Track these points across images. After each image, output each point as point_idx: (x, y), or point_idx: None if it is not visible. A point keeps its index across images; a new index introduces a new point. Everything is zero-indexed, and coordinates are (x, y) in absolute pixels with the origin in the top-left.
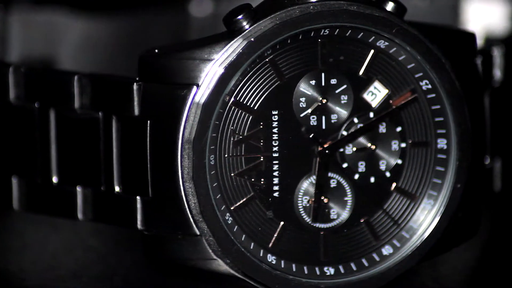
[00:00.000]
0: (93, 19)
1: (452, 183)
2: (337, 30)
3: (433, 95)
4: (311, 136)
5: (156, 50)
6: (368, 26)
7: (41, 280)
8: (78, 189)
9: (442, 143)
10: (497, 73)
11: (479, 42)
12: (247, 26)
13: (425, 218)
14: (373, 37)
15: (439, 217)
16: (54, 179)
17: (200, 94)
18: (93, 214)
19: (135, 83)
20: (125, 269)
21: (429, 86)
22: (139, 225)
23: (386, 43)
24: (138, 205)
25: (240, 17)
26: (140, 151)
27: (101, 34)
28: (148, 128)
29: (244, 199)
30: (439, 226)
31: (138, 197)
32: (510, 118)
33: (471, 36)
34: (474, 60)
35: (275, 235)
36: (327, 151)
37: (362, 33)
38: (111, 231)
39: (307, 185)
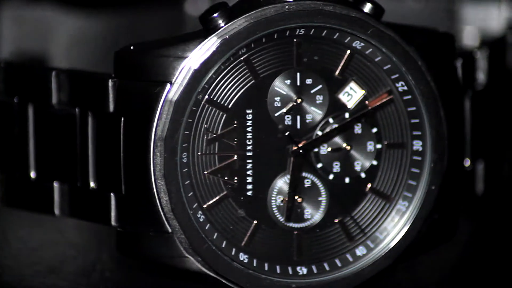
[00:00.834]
0: (86, 16)
1: (427, 185)
2: (313, 30)
3: (409, 96)
4: (286, 134)
5: (132, 47)
6: (343, 27)
7: (20, 276)
8: (56, 184)
9: (417, 145)
10: (481, 76)
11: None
12: (222, 24)
13: (400, 220)
14: (349, 38)
15: (413, 219)
16: (32, 174)
17: (173, 91)
18: (70, 210)
19: (110, 80)
20: (103, 265)
21: (405, 88)
22: (113, 222)
23: (362, 44)
24: (112, 202)
25: (215, 15)
26: (114, 148)
27: (93, 31)
28: (122, 124)
29: (217, 198)
30: (413, 227)
31: (112, 194)
32: (494, 121)
33: (450, 38)
34: (453, 62)
35: (248, 234)
36: (301, 151)
37: (337, 34)
38: (93, 226)
39: (281, 184)
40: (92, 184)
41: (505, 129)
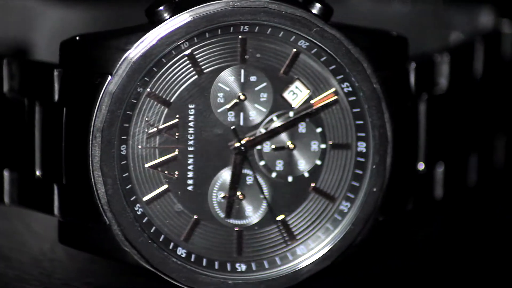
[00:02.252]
0: (71, 7)
1: (370, 187)
2: (257, 27)
3: (354, 98)
4: (232, 128)
5: (77, 38)
6: (286, 26)
7: None
8: (6, 173)
9: (361, 146)
10: (442, 80)
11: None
12: (167, 18)
13: (342, 220)
14: (294, 37)
15: (355, 220)
16: None
17: (113, 83)
18: (19, 199)
19: (55, 69)
20: (55, 254)
21: (350, 89)
22: (55, 212)
23: (307, 44)
24: (55, 192)
25: (161, 8)
26: (57, 138)
27: (78, 23)
28: (64, 114)
29: (157, 191)
30: (354, 229)
31: (54, 184)
32: (455, 125)
33: (403, 41)
34: (404, 65)
35: (187, 229)
36: (243, 148)
37: (282, 32)
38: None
39: (222, 180)
40: (38, 173)
41: (469, 133)
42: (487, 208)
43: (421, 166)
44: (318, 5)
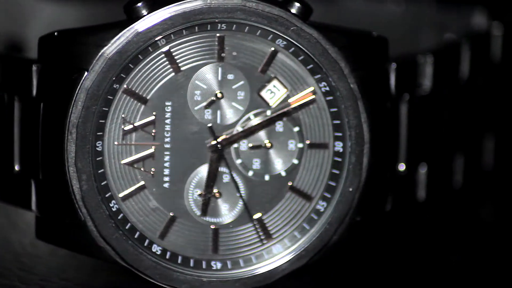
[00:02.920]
0: (65, 3)
1: (346, 187)
2: (234, 26)
3: (331, 97)
4: (209, 126)
5: (56, 33)
6: (263, 25)
7: None
8: None
9: (338, 146)
10: (425, 81)
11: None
12: (145, 14)
13: (318, 220)
14: (271, 36)
15: (331, 220)
16: None
17: (88, 79)
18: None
19: (34, 65)
20: (23, 249)
21: (327, 88)
22: (33, 207)
23: (285, 43)
24: (32, 187)
25: (139, 5)
26: (34, 133)
27: (72, 19)
28: (41, 110)
29: (133, 188)
30: (330, 228)
31: (32, 179)
32: (440, 126)
33: (383, 41)
34: (384, 66)
35: (163, 226)
36: (219, 146)
37: (260, 31)
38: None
39: (198, 178)
40: (16, 168)
41: (454, 135)
42: (472, 210)
43: (401, 167)
44: (297, 5)
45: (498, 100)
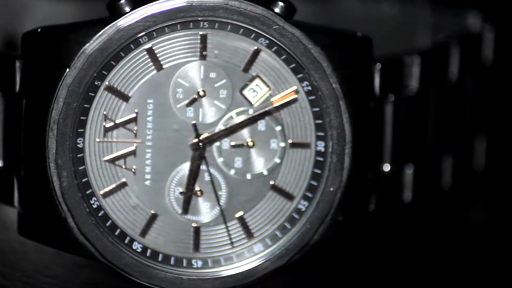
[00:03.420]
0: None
1: (327, 186)
2: (217, 24)
3: (313, 97)
4: (193, 123)
5: (39, 30)
6: (245, 23)
7: None
8: None
9: (320, 146)
10: (412, 82)
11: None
12: (127, 11)
13: (299, 219)
14: (254, 34)
15: (312, 219)
16: None
17: (70, 75)
18: None
19: (17, 61)
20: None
21: (310, 88)
22: (15, 203)
23: (267, 42)
24: (15, 183)
25: (121, 2)
26: (17, 129)
27: (67, 15)
28: (24, 106)
29: (114, 185)
30: (311, 228)
31: (14, 175)
32: (427, 127)
33: (367, 42)
34: (368, 66)
35: (144, 224)
36: (201, 144)
37: (242, 30)
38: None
39: (180, 176)
40: (0, 164)
41: (443, 136)
42: (461, 211)
43: (386, 167)
44: (280, 4)
45: (490, 102)
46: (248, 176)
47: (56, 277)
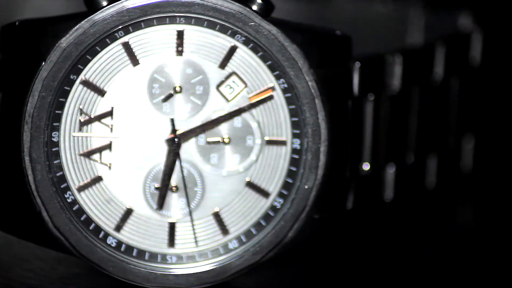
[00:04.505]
0: None
1: (302, 184)
2: (193, 20)
3: (289, 94)
4: (170, 118)
5: (17, 23)
6: (221, 20)
7: None
8: None
9: (296, 143)
10: (393, 81)
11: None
12: (104, 6)
13: (274, 216)
14: (230, 31)
15: (286, 216)
16: None
17: (44, 69)
18: None
19: None
20: None
21: (286, 85)
22: None
23: (243, 38)
24: None
25: None
26: None
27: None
28: (0, 99)
29: (89, 180)
30: (286, 225)
31: None
32: (410, 126)
33: (346, 40)
34: (347, 65)
35: (119, 219)
36: (177, 140)
37: (218, 26)
38: None
39: (155, 171)
40: None
41: (427, 135)
42: (446, 211)
43: (366, 166)
44: (258, 1)
45: (477, 103)
46: (224, 173)
47: (36, 271)
